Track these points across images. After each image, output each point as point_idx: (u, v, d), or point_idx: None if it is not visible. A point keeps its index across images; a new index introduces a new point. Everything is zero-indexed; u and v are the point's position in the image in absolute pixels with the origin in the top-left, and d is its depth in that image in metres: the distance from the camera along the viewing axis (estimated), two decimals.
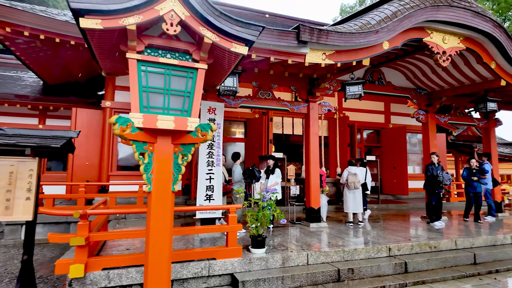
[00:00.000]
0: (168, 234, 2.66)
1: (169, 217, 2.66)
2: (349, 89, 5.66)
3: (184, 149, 2.67)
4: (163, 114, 2.59)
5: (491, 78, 6.83)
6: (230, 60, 2.76)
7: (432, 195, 7.10)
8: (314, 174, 6.89)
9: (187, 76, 2.66)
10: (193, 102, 2.65)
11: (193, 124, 2.60)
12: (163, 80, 2.60)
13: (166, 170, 2.64)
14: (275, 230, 6.30)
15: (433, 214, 7.02)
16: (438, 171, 6.95)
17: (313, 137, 6.95)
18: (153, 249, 2.60)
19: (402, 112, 13.71)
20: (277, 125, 11.47)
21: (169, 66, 2.62)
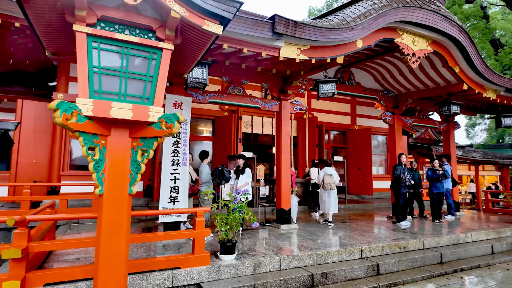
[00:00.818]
0: (124, 243, 2.23)
1: (125, 223, 2.23)
2: (322, 87, 5.51)
3: (145, 143, 2.26)
4: (119, 101, 2.16)
5: (454, 82, 7.09)
6: (202, 41, 2.40)
7: (399, 195, 7.20)
8: (285, 174, 6.68)
9: (149, 57, 2.25)
10: (156, 89, 2.24)
11: (155, 114, 2.20)
12: (119, 61, 2.17)
13: (121, 168, 2.21)
14: (245, 233, 5.98)
15: (399, 214, 7.12)
16: (406, 172, 7.07)
17: (284, 136, 6.74)
18: (105, 261, 2.16)
19: (367, 114, 14.08)
20: (246, 124, 11.18)
21: (128, 44, 2.19)
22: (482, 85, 7.10)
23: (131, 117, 2.14)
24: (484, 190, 12.05)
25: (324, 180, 7.24)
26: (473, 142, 34.07)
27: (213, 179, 5.43)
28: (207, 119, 10.74)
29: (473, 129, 35.75)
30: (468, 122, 35.07)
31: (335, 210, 7.30)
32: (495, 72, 6.83)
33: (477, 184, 16.67)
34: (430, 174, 7.73)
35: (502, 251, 6.22)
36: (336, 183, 7.35)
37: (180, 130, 5.67)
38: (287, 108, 6.84)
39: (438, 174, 7.65)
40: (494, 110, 8.99)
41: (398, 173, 7.08)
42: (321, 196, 7.45)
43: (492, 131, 33.05)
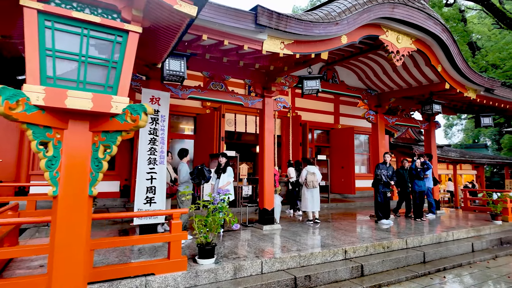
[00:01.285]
0: (82, 250, 1.96)
1: (84, 229, 1.96)
2: (306, 84, 5.35)
3: (107, 138, 1.99)
4: (77, 89, 1.88)
5: (436, 81, 7.11)
6: (174, 25, 2.15)
7: (378, 193, 7.18)
8: (268, 173, 6.48)
9: (113, 41, 1.98)
10: (121, 76, 1.98)
11: (119, 105, 1.93)
12: (78, 43, 1.89)
13: (80, 167, 1.93)
14: (226, 234, 5.75)
15: (380, 212, 7.10)
16: (389, 171, 7.04)
17: (267, 134, 6.55)
18: (59, 271, 1.88)
19: (350, 113, 14.13)
20: (229, 122, 10.92)
21: (88, 24, 1.92)
22: (463, 85, 7.17)
23: (91, 108, 1.87)
24: (462, 189, 12.32)
25: (307, 178, 7.19)
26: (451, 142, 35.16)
27: (192, 178, 5.16)
28: (189, 117, 10.41)
29: (451, 130, 36.94)
30: (446, 122, 36.17)
31: (318, 208, 7.29)
32: (475, 72, 6.90)
33: (455, 182, 17.10)
34: (413, 173, 7.75)
35: (482, 249, 6.28)
36: (319, 181, 7.32)
37: (157, 127, 5.38)
38: (271, 105, 6.65)
39: (420, 171, 7.68)
40: (473, 110, 9.15)
41: (378, 171, 7.05)
42: (304, 194, 7.38)
43: (469, 132, 34.22)
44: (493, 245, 6.53)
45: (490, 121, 8.23)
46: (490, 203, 7.80)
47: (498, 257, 5.96)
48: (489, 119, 8.23)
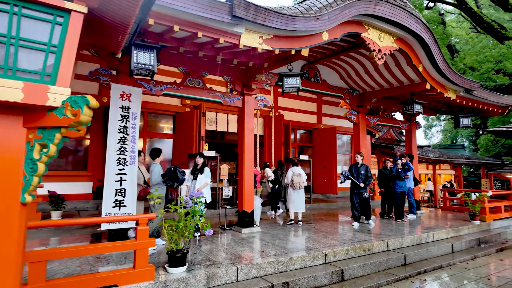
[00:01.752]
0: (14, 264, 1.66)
1: (15, 241, 1.66)
2: (287, 81, 5.14)
3: (44, 136, 1.70)
4: (4, 77, 1.58)
5: (418, 81, 7.08)
6: (126, 5, 1.87)
7: (353, 194, 7.08)
8: (248, 174, 6.25)
9: (52, 21, 1.69)
10: (61, 63, 1.69)
11: (58, 97, 1.64)
12: (5, 22, 1.59)
13: (11, 169, 1.63)
14: (203, 238, 5.47)
15: (355, 213, 7.02)
16: (361, 171, 6.90)
17: (247, 133, 6.31)
18: None
19: (333, 113, 14.10)
20: (210, 121, 10.61)
21: (18, 1, 1.62)
22: (443, 85, 7.17)
23: (21, 100, 1.57)
24: (442, 189, 12.50)
25: (293, 179, 7.04)
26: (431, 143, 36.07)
27: (164, 181, 4.85)
28: (167, 115, 10.03)
29: (430, 130, 37.89)
30: (426, 123, 37.06)
31: (303, 209, 7.20)
32: (455, 72, 6.92)
33: (434, 182, 17.42)
34: (394, 173, 7.71)
35: (461, 250, 6.27)
36: (304, 182, 7.24)
37: (128, 125, 5.03)
38: (251, 103, 6.42)
39: (401, 172, 7.64)
40: (452, 111, 9.24)
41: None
42: (290, 196, 7.25)
43: (447, 133, 35.19)
44: (471, 246, 6.54)
45: (469, 122, 8.32)
46: (469, 203, 7.86)
47: (477, 258, 5.96)
48: (468, 120, 8.31)
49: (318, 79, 7.70)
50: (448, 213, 9.76)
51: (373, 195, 12.59)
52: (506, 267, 5.46)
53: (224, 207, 6.51)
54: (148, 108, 9.41)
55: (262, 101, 6.61)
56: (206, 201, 5.64)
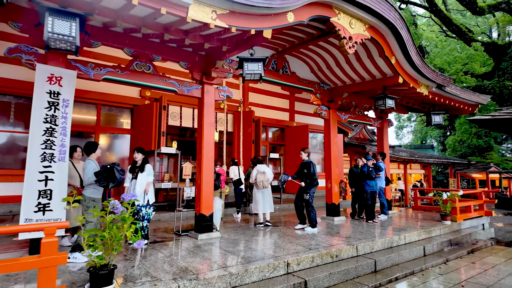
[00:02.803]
0: None
1: None
2: (247, 67, 4.52)
3: None
4: None
5: (390, 75, 6.72)
6: None
7: (298, 196, 6.47)
8: (207, 173, 5.57)
9: None
10: None
11: None
12: None
13: None
14: (151, 247, 4.75)
15: (299, 216, 6.41)
16: (304, 169, 6.30)
17: (207, 128, 5.64)
18: None
19: (306, 111, 13.70)
20: (174, 116, 9.81)
21: None
22: (416, 80, 6.86)
23: None
24: (413, 188, 12.43)
25: (257, 178, 6.55)
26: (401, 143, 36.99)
27: (97, 180, 4.07)
28: (125, 108, 9.13)
29: (401, 131, 38.91)
30: (398, 124, 38.02)
31: (271, 209, 6.70)
32: (429, 66, 6.62)
33: (405, 182, 17.53)
34: (365, 171, 7.32)
35: (433, 252, 5.95)
36: (270, 181, 6.73)
37: (57, 113, 4.21)
38: (211, 94, 5.75)
39: (371, 171, 7.28)
40: (424, 109, 9.04)
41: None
42: (255, 196, 6.74)
43: (417, 133, 36.25)
44: (443, 247, 6.25)
45: (441, 119, 8.12)
46: (440, 203, 7.62)
47: (449, 261, 5.64)
48: (439, 117, 8.11)
49: (287, 71, 7.16)
50: (419, 212, 9.58)
51: (345, 195, 12.31)
52: (478, 270, 5.15)
53: (180, 210, 5.80)
54: (101, 100, 8.49)
55: (224, 91, 5.96)
56: (149, 202, 4.93)
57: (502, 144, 33.23)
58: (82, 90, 8.04)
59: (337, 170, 7.88)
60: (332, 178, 7.66)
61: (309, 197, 6.17)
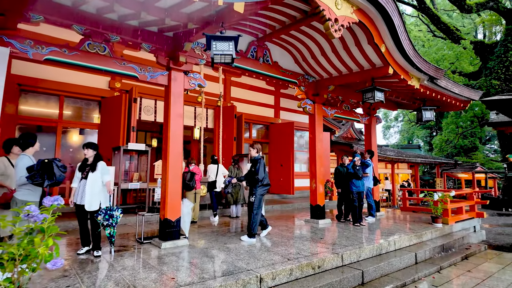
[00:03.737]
0: None
1: None
2: (216, 46, 3.85)
3: None
4: None
5: (380, 65, 6.17)
6: None
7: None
8: (173, 172, 4.89)
9: None
10: None
11: None
12: None
13: None
14: (103, 257, 4.03)
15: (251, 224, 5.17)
16: (251, 168, 5.46)
17: (174, 119, 4.95)
18: None
19: (292, 108, 13.13)
20: (147, 110, 9.04)
21: None
22: (407, 71, 6.33)
23: None
24: (401, 188, 12.00)
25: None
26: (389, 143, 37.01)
27: (29, 176, 3.33)
28: (92, 101, 8.32)
29: (389, 131, 38.96)
30: (385, 124, 38.03)
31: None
32: (421, 56, 6.10)
33: (392, 181, 17.19)
34: (351, 171, 6.76)
35: (425, 259, 5.42)
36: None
37: None
38: (179, 81, 5.06)
39: (358, 170, 6.73)
40: (414, 105, 8.56)
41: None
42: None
43: (404, 133, 36.32)
44: (436, 253, 5.73)
45: (432, 115, 7.65)
46: (430, 205, 7.14)
47: (443, 269, 5.12)
48: (430, 113, 7.64)
49: (269, 60, 6.52)
50: (408, 214, 9.12)
51: (331, 195, 11.79)
52: (475, 281, 4.64)
53: (142, 214, 5.08)
54: (64, 91, 7.67)
55: (195, 79, 5.27)
56: (101, 205, 4.22)
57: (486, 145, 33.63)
58: (40, 79, 7.22)
59: (323, 169, 7.30)
60: (317, 178, 7.07)
61: (254, 199, 5.14)
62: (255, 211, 5.14)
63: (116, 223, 4.18)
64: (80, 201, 4.20)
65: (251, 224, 5.12)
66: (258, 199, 5.19)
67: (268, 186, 5.39)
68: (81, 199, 4.19)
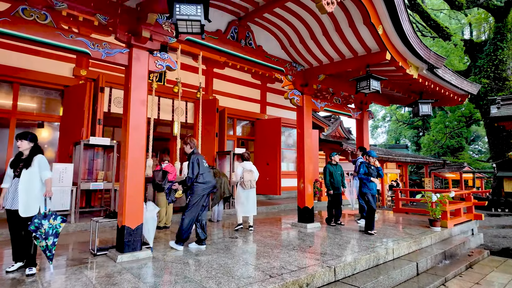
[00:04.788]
0: None
1: None
2: (179, 10, 3.06)
3: None
4: None
5: (376, 50, 5.50)
6: None
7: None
8: (134, 170, 4.07)
9: None
10: None
11: None
12: None
13: None
14: (41, 274, 3.19)
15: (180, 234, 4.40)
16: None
17: (135, 107, 4.14)
18: None
19: (278, 103, 12.42)
20: (118, 102, 8.14)
21: None
22: (405, 59, 5.69)
23: None
24: (394, 188, 11.48)
25: (244, 177, 5.75)
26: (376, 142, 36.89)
27: None
28: (53, 90, 7.36)
29: (376, 131, 38.86)
30: (373, 124, 37.89)
31: (254, 213, 5.94)
32: (421, 41, 5.48)
33: (382, 181, 16.72)
34: (362, 172, 6.03)
35: (427, 269, 4.77)
36: (256, 179, 5.95)
37: None
38: (143, 61, 4.25)
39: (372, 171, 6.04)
40: (409, 99, 7.96)
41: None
42: (239, 197, 5.86)
43: (392, 133, 36.26)
44: (438, 262, 5.10)
45: (429, 109, 7.07)
46: (428, 207, 6.53)
47: (448, 281, 4.49)
48: (427, 107, 7.06)
49: (252, 43, 5.77)
50: (401, 215, 8.53)
51: (320, 196, 11.15)
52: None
53: (96, 221, 4.23)
54: (19, 78, 6.70)
55: (163, 60, 4.46)
56: (40, 210, 3.38)
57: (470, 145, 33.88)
58: None
59: (312, 167, 6.62)
60: (306, 177, 6.37)
61: (189, 199, 4.45)
62: (186, 213, 4.38)
63: (54, 233, 3.34)
64: (11, 205, 3.34)
65: (180, 231, 4.34)
66: (193, 200, 4.41)
67: (210, 184, 4.57)
68: (12, 203, 3.34)
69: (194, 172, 4.45)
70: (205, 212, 4.63)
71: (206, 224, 4.61)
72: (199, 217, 4.52)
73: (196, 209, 4.44)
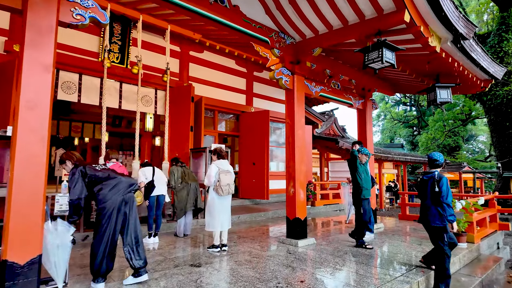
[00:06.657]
0: None
1: None
2: None
3: None
4: None
5: (389, 10, 4.12)
6: None
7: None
8: (24, 174, 2.62)
9: None
10: None
11: None
12: None
13: None
14: None
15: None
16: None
17: (30, 73, 2.68)
18: None
19: (267, 94, 11.02)
20: (67, 88, 6.65)
21: None
22: (427, 24, 4.32)
23: None
24: (400, 192, 10.17)
25: (221, 180, 4.35)
26: None
27: None
28: None
29: None
30: None
31: (229, 226, 4.54)
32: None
33: (380, 182, 15.48)
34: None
35: None
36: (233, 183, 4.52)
37: None
38: (52, 8, 2.78)
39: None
40: (423, 84, 6.61)
41: None
42: (213, 205, 4.40)
43: (387, 131, 35.27)
44: None
45: (448, 95, 5.73)
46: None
47: None
48: (447, 92, 5.72)
49: (225, 1, 4.33)
50: (409, 224, 7.24)
51: (313, 200, 9.77)
52: None
53: None
54: None
55: (85, 8, 3.00)
56: None
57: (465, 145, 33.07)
58: None
59: (304, 167, 5.22)
60: (296, 179, 4.98)
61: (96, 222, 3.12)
62: (97, 237, 2.98)
63: None
64: None
65: (92, 261, 2.95)
66: (100, 219, 3.00)
67: (119, 193, 3.10)
68: None
69: (76, 192, 2.95)
70: (132, 228, 3.12)
71: (139, 245, 3.12)
72: (125, 239, 3.06)
73: (109, 230, 2.96)
